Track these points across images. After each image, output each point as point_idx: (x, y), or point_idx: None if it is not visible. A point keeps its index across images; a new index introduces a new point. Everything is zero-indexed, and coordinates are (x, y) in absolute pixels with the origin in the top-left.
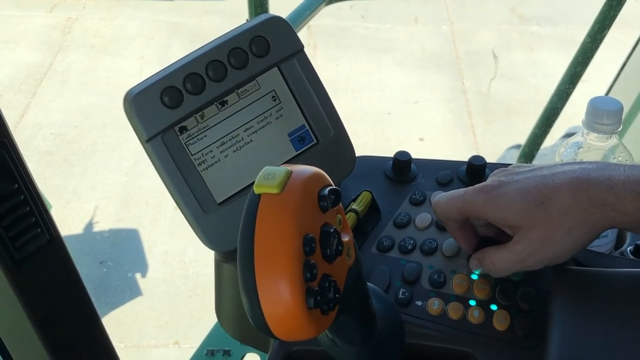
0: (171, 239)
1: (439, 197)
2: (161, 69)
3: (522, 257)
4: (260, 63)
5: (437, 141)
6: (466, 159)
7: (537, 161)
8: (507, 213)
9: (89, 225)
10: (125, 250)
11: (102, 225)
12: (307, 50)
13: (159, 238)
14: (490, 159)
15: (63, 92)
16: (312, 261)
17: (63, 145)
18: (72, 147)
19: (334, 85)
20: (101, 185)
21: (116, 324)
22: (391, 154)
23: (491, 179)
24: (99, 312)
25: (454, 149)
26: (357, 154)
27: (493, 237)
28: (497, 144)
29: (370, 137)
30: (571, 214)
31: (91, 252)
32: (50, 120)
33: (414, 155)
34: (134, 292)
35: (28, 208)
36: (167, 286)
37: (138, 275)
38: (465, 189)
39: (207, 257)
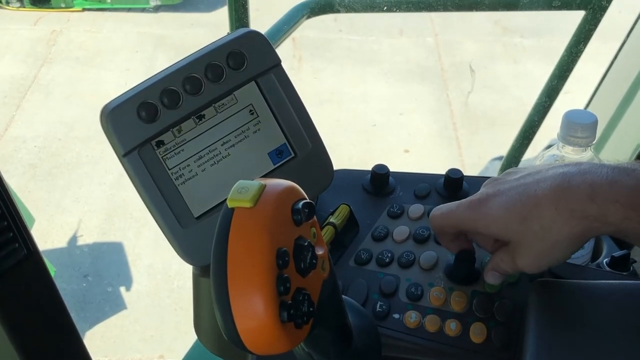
0: (156, 251)
1: (434, 211)
2: (138, 83)
3: (522, 267)
4: (237, 77)
5: (422, 152)
6: None
7: None
8: (494, 229)
9: (73, 239)
10: (109, 263)
11: (86, 238)
12: (292, 63)
13: (143, 251)
14: (474, 170)
15: (47, 105)
16: (286, 275)
17: (47, 158)
18: (56, 160)
19: (319, 97)
20: (85, 198)
21: (100, 338)
22: None
23: (480, 192)
24: (83, 326)
25: (439, 161)
26: (341, 166)
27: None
28: (481, 154)
29: (356, 149)
30: (554, 229)
31: (75, 266)
32: (34, 133)
33: (399, 167)
34: (119, 305)
35: (5, 223)
36: (152, 299)
37: (122, 289)
38: (458, 203)
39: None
